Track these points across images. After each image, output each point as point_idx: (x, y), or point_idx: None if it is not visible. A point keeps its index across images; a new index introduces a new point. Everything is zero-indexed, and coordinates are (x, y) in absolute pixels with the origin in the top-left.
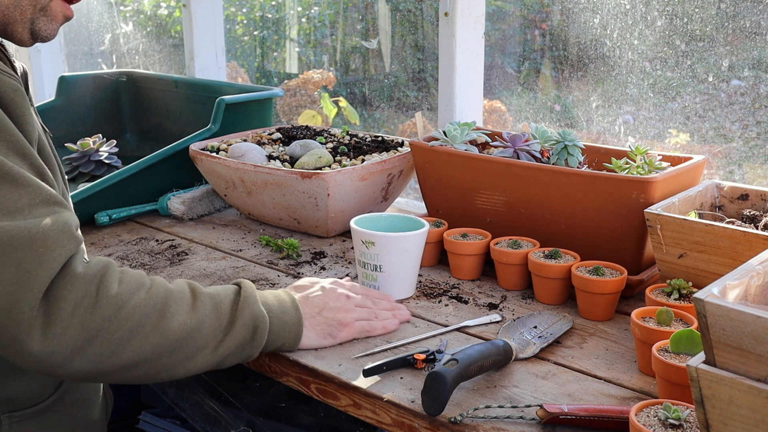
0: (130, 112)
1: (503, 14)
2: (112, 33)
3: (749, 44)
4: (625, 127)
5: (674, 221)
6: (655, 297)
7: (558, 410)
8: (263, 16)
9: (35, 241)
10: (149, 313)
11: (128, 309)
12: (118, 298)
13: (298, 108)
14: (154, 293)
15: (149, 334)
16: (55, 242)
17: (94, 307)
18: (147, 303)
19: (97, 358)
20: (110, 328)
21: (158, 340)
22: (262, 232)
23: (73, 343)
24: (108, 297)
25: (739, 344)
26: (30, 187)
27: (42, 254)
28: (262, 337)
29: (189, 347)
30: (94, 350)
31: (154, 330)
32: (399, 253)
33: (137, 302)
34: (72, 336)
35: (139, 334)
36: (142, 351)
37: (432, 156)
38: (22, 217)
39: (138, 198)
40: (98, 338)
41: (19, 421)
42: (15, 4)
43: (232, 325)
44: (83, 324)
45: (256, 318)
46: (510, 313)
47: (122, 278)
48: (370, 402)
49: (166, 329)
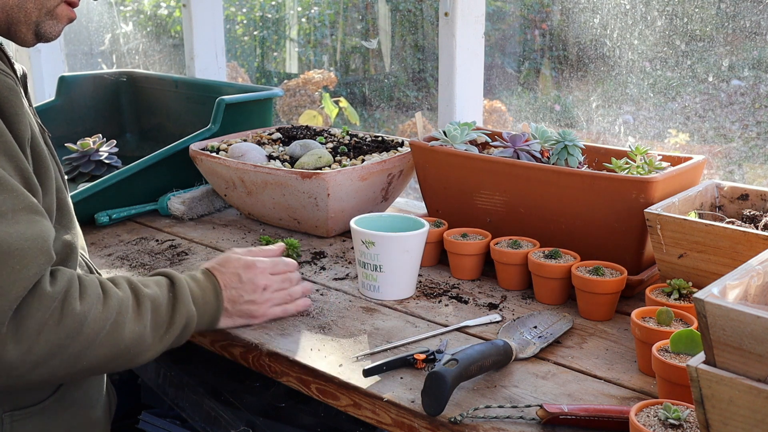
0: (130, 112)
1: (503, 14)
2: (112, 33)
3: (749, 44)
4: (625, 127)
5: (674, 221)
6: (655, 297)
7: (558, 410)
8: (263, 16)
9: (12, 257)
10: (105, 326)
11: (88, 324)
12: (81, 316)
13: (298, 108)
14: (109, 305)
15: (104, 344)
16: (32, 260)
17: (59, 324)
18: (103, 317)
19: (55, 370)
20: (71, 343)
21: (110, 349)
22: (262, 232)
23: (36, 358)
24: (72, 315)
25: (739, 344)
26: (14, 192)
27: (18, 272)
28: (190, 332)
29: (134, 350)
30: (55, 363)
31: (107, 340)
32: (399, 253)
33: (95, 316)
34: (36, 352)
35: (95, 345)
36: (97, 359)
37: (432, 156)
38: (5, 223)
39: (138, 198)
40: (60, 353)
41: (20, 420)
42: (19, 6)
43: (170, 326)
44: (48, 341)
45: (189, 318)
46: (510, 313)
47: (82, 292)
48: (370, 402)
49: (118, 338)
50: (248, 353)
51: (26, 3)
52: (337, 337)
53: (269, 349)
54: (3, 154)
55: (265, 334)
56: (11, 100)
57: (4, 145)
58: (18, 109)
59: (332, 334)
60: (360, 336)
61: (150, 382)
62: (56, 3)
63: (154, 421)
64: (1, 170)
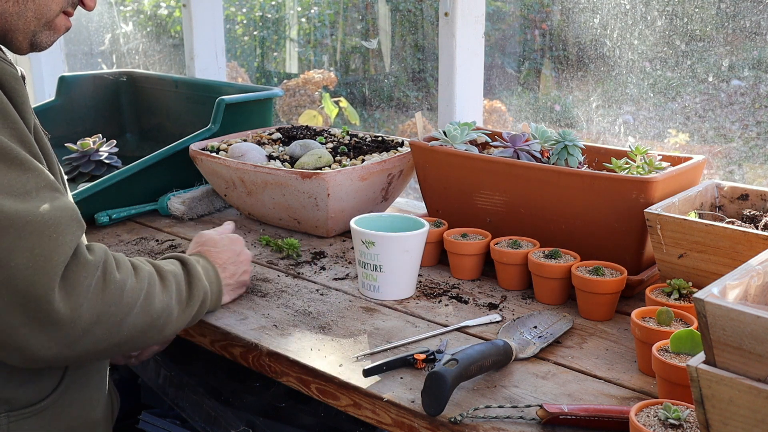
0: (130, 112)
1: (503, 14)
2: (112, 33)
3: (749, 44)
4: (625, 127)
5: (674, 221)
6: (655, 297)
7: (558, 410)
8: (263, 16)
9: (48, 227)
10: (139, 296)
11: (126, 293)
12: (121, 283)
13: (298, 108)
14: (141, 276)
15: (139, 314)
16: (66, 228)
17: (103, 291)
18: (137, 287)
19: (100, 338)
20: (113, 311)
21: (145, 318)
22: (262, 232)
23: (84, 324)
24: (114, 282)
25: (739, 344)
26: (36, 171)
27: (56, 239)
28: (205, 309)
29: (163, 321)
30: (100, 330)
31: (142, 310)
32: (399, 253)
33: (132, 286)
34: (84, 318)
35: (132, 314)
36: (134, 329)
37: (432, 156)
38: (31, 201)
39: (138, 198)
40: (103, 320)
41: (17, 420)
42: (19, 14)
43: (190, 299)
44: (94, 306)
45: (205, 293)
46: (510, 313)
47: (118, 264)
48: (370, 402)
49: (151, 308)
50: (248, 353)
51: (26, 12)
52: (337, 337)
53: (269, 349)
54: (18, 139)
55: (265, 334)
56: (17, 89)
57: (18, 131)
58: (25, 98)
59: (332, 334)
60: (360, 336)
61: (150, 382)
62: (55, 14)
63: (154, 421)
64: (22, 151)
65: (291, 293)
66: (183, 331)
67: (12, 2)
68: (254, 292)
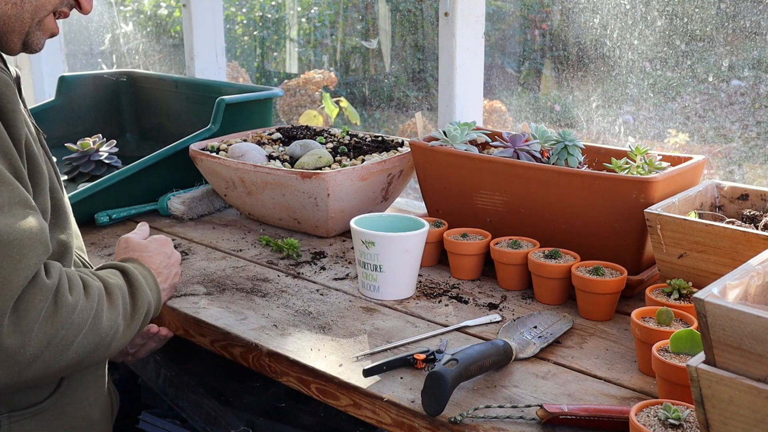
0: (130, 112)
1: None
2: (112, 33)
3: (749, 44)
4: (625, 127)
5: (674, 221)
6: (655, 297)
7: (558, 410)
8: (263, 16)
9: (12, 247)
10: (89, 316)
11: (76, 315)
12: (72, 306)
13: (298, 108)
14: (90, 295)
15: (88, 334)
16: (31, 250)
17: (54, 315)
18: (87, 307)
19: (49, 363)
20: (62, 334)
21: (93, 338)
22: (262, 232)
23: (33, 350)
24: (65, 305)
25: (739, 344)
26: (10, 186)
27: (18, 261)
28: (148, 319)
29: (110, 338)
30: (48, 355)
31: (90, 330)
32: (399, 253)
33: (82, 307)
34: (34, 344)
35: (80, 335)
36: (83, 350)
37: (432, 156)
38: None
39: (138, 198)
40: (53, 344)
41: (18, 421)
42: (17, 16)
43: (134, 313)
44: (45, 331)
45: (148, 304)
46: (510, 313)
47: (70, 284)
48: (370, 402)
49: (99, 327)
50: (248, 353)
51: (24, 14)
52: (337, 337)
53: (269, 349)
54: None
55: (265, 334)
56: (8, 96)
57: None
58: (15, 106)
59: (332, 334)
60: (360, 336)
61: (150, 382)
62: (46, 13)
63: (154, 421)
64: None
65: (291, 293)
66: (183, 330)
67: (11, 5)
68: (254, 292)
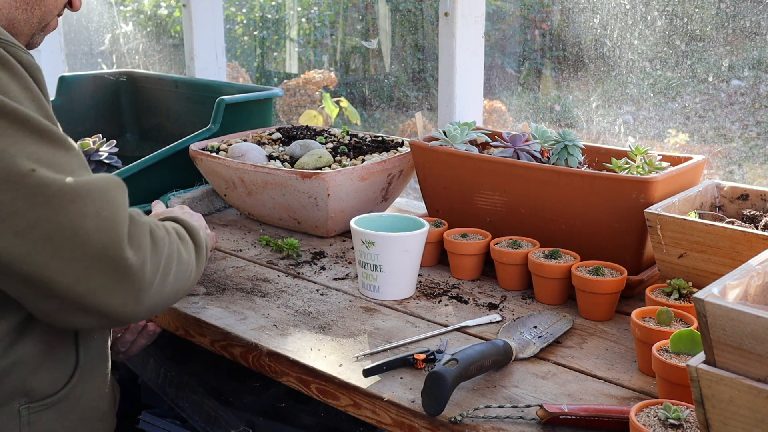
0: (130, 112)
1: (503, 14)
2: (112, 33)
3: (749, 44)
4: (625, 127)
5: (674, 221)
6: (655, 297)
7: (558, 410)
8: (263, 16)
9: (107, 191)
10: (175, 248)
11: (167, 246)
12: (162, 239)
13: (298, 108)
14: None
15: (179, 264)
16: (120, 190)
17: (154, 245)
18: (170, 240)
19: (159, 291)
20: (164, 261)
21: (183, 268)
22: (262, 232)
23: (149, 277)
24: (159, 238)
25: (739, 344)
26: (76, 152)
27: (114, 201)
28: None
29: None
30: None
31: (179, 261)
32: (399, 253)
33: (170, 240)
34: (150, 268)
35: (174, 264)
36: (177, 280)
37: (432, 156)
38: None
39: (138, 198)
40: (161, 270)
41: (36, 412)
42: (27, 20)
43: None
44: (153, 258)
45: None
46: (510, 313)
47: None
48: (370, 402)
49: (182, 259)
50: (248, 353)
51: (33, 18)
52: (337, 337)
53: (269, 349)
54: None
55: (265, 334)
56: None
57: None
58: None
59: (332, 334)
60: (360, 336)
61: (150, 382)
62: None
63: (154, 421)
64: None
65: (291, 293)
66: (183, 330)
67: (21, 10)
68: (254, 292)
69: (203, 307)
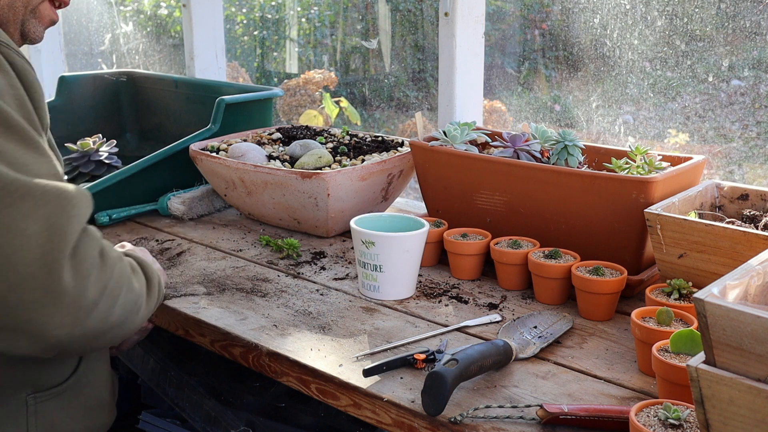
0: (130, 112)
1: (503, 14)
2: (112, 33)
3: (749, 44)
4: (625, 127)
5: (674, 221)
6: (655, 297)
7: (558, 410)
8: (263, 16)
9: (65, 199)
10: (125, 272)
11: (117, 268)
12: (114, 260)
13: (298, 108)
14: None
15: (128, 292)
16: (81, 203)
17: (103, 264)
18: (122, 264)
19: (103, 315)
20: (112, 284)
21: (131, 296)
22: (262, 232)
23: (92, 296)
24: (110, 258)
25: (739, 344)
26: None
27: (71, 210)
28: (162, 293)
29: (140, 302)
30: (103, 305)
31: (129, 288)
32: (399, 253)
33: (121, 263)
34: (92, 289)
35: (123, 290)
36: (125, 308)
37: (432, 156)
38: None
39: (138, 198)
40: (105, 293)
41: (42, 402)
42: (10, 5)
43: (150, 283)
44: (99, 278)
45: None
46: (510, 313)
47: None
48: (370, 402)
49: (132, 287)
50: (248, 353)
51: (16, 2)
52: (337, 337)
53: (269, 349)
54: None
55: (265, 334)
56: (37, 88)
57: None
58: (42, 96)
59: (332, 334)
60: (360, 336)
61: (150, 382)
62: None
63: (154, 421)
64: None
65: (291, 293)
66: (183, 330)
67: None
68: (254, 292)
69: (203, 307)
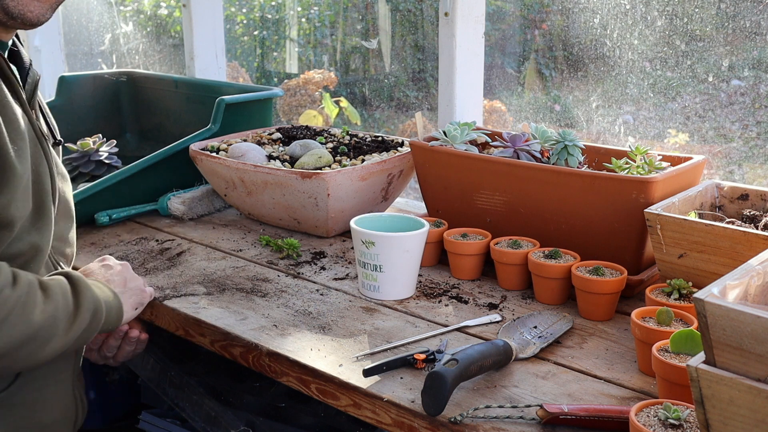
0: (130, 112)
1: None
2: (112, 33)
3: (749, 44)
4: (625, 127)
5: (674, 221)
6: (655, 297)
7: (558, 410)
8: (263, 16)
9: None
10: (16, 305)
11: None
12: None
13: (298, 108)
14: (19, 285)
15: (15, 325)
16: None
17: None
18: (12, 295)
19: None
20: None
21: (22, 329)
22: (262, 232)
23: None
24: None
25: (739, 344)
26: None
27: None
28: (100, 320)
29: (46, 333)
30: None
31: (19, 320)
32: (399, 253)
33: (7, 295)
34: None
35: (7, 325)
36: (11, 340)
37: (432, 156)
38: None
39: (138, 198)
40: None
41: None
42: None
43: (78, 310)
44: None
45: (96, 303)
46: (510, 313)
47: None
48: (370, 402)
49: (30, 320)
50: (248, 353)
51: None
52: (337, 337)
53: (269, 349)
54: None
55: (265, 334)
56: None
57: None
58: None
59: (332, 334)
60: (360, 336)
61: (150, 382)
62: None
63: (154, 421)
64: None
65: (291, 293)
66: (183, 330)
67: None
68: (254, 292)
69: (203, 307)
